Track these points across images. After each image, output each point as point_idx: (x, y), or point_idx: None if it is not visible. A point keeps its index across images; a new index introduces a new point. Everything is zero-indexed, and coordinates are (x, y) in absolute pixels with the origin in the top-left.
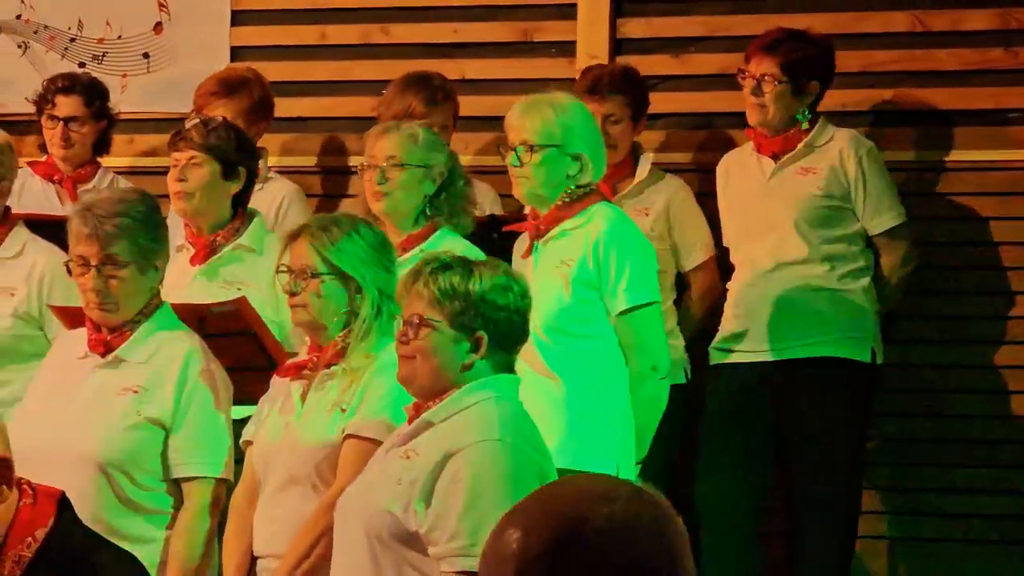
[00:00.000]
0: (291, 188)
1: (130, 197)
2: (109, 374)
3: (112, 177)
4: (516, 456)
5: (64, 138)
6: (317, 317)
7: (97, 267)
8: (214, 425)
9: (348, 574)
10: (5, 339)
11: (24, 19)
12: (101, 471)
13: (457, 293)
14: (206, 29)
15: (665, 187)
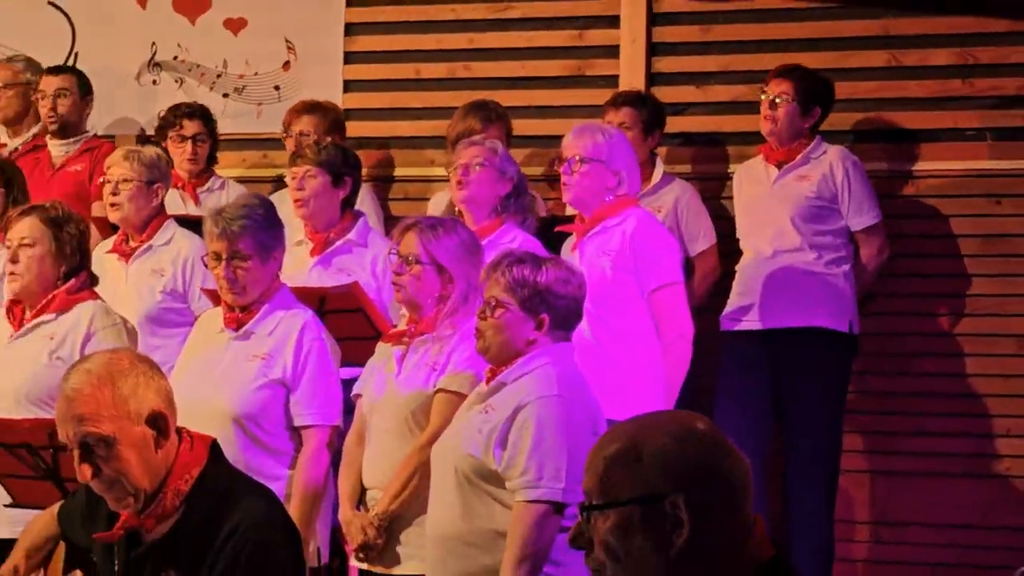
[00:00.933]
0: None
1: (252, 202)
2: (241, 345)
3: (223, 181)
4: (570, 407)
5: (192, 152)
6: (414, 296)
7: (227, 260)
8: (326, 382)
9: (441, 504)
10: (157, 311)
11: (180, 60)
12: (237, 422)
13: (527, 283)
14: (324, 67)
15: (674, 189)
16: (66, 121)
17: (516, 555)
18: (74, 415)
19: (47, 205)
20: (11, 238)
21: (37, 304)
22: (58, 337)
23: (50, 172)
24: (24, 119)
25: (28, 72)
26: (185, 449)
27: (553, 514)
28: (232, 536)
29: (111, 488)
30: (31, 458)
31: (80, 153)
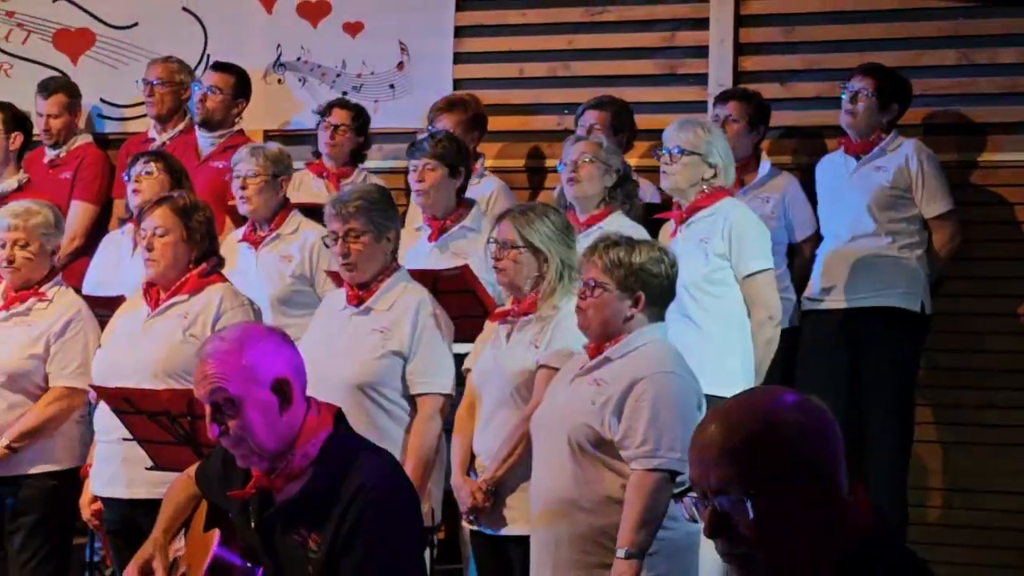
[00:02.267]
0: (499, 184)
1: (367, 187)
2: (362, 319)
3: (365, 175)
4: (682, 383)
5: (331, 138)
6: (513, 278)
7: (342, 237)
8: (440, 354)
9: (550, 470)
10: (286, 293)
11: (303, 60)
12: (360, 390)
13: (623, 264)
14: (435, 66)
15: (781, 180)
16: (211, 117)
17: (636, 520)
18: (206, 375)
19: (176, 196)
20: (145, 227)
21: (171, 286)
22: (191, 316)
23: (196, 162)
24: (174, 116)
25: (182, 73)
26: (313, 416)
27: (668, 482)
28: (357, 497)
29: (237, 445)
30: (170, 425)
31: (223, 149)
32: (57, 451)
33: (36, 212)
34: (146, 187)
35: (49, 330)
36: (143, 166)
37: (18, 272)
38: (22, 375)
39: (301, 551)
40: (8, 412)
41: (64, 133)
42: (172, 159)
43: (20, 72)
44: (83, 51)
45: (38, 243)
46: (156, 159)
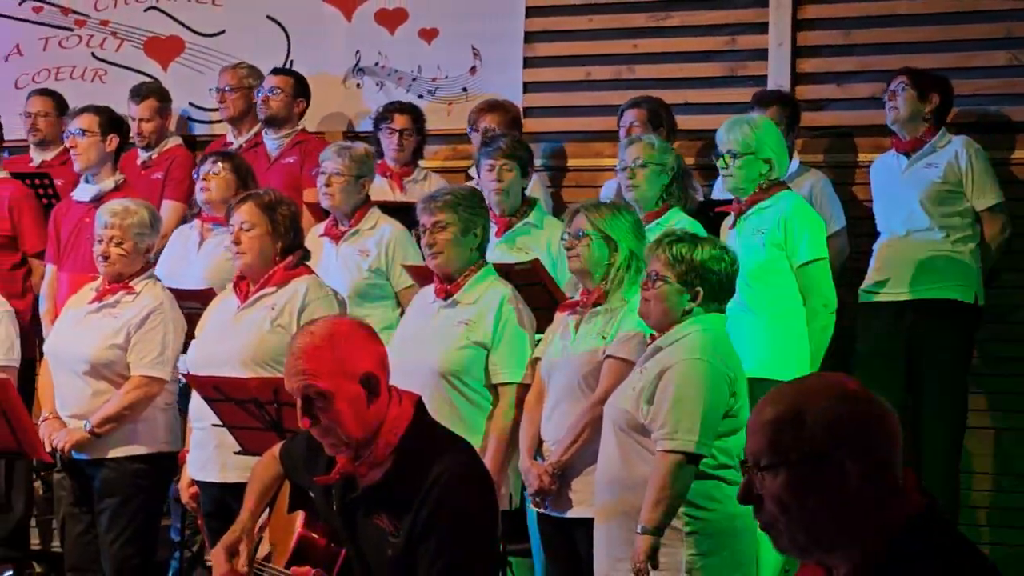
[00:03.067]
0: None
1: (459, 187)
2: (449, 312)
3: (426, 172)
4: (710, 370)
5: (398, 144)
6: (585, 265)
7: (430, 229)
8: (521, 346)
9: (606, 453)
10: (364, 286)
11: (381, 65)
12: (445, 379)
13: (684, 259)
14: (506, 70)
15: (809, 177)
16: (275, 115)
17: (653, 498)
18: (298, 370)
19: (261, 192)
20: (233, 223)
21: (259, 279)
22: (278, 307)
23: (267, 164)
24: (246, 119)
25: (251, 78)
26: (395, 405)
27: (687, 463)
28: (436, 484)
29: (327, 435)
30: (258, 411)
31: (291, 146)
32: (140, 435)
33: (133, 212)
34: (214, 186)
35: (130, 321)
36: (211, 166)
37: (112, 267)
38: (105, 364)
39: (381, 535)
40: (93, 399)
41: (155, 136)
42: (239, 159)
43: (114, 78)
44: (173, 58)
45: (132, 241)
46: (223, 159)
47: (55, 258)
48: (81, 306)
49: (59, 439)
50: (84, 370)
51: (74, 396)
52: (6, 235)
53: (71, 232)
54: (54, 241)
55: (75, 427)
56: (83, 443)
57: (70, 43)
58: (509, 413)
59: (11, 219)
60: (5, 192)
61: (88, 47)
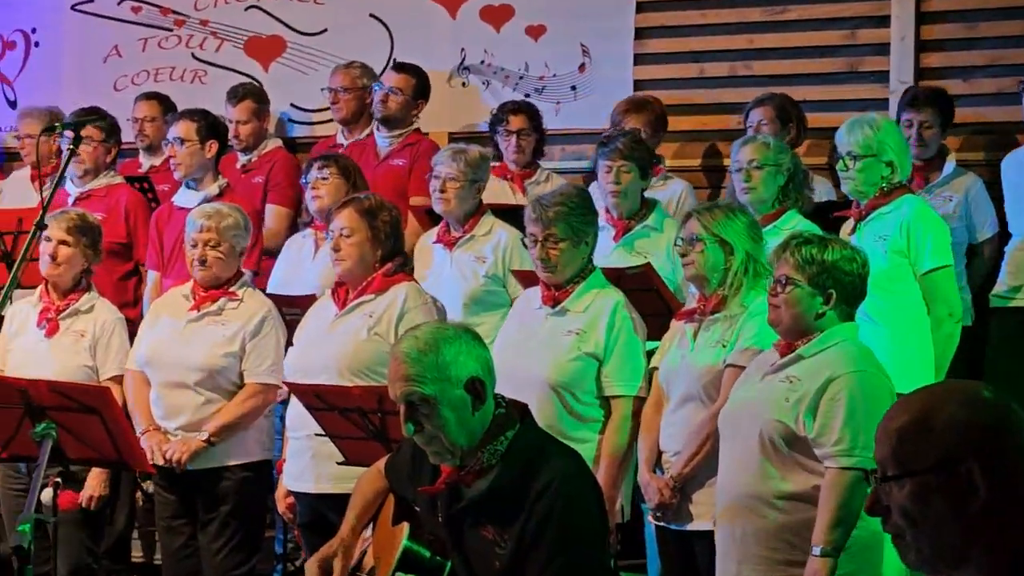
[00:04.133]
0: (686, 185)
1: (569, 191)
2: (557, 320)
3: (548, 174)
4: (876, 381)
5: (516, 145)
6: (700, 271)
7: (541, 242)
8: (634, 356)
9: (738, 466)
10: (480, 293)
11: (486, 64)
12: (553, 390)
13: (815, 261)
14: (616, 68)
15: (964, 180)
16: (391, 116)
17: (830, 519)
18: (401, 375)
19: (362, 197)
20: (333, 228)
21: (358, 285)
22: (376, 315)
23: (375, 162)
24: (359, 120)
25: (364, 78)
26: (501, 413)
27: (863, 480)
28: (543, 494)
29: (431, 443)
30: (361, 421)
31: (402, 147)
32: (249, 444)
33: (227, 214)
34: (324, 191)
35: (244, 329)
36: (318, 171)
37: (208, 271)
38: (218, 372)
39: (488, 546)
40: (204, 407)
41: (253, 139)
42: (345, 160)
43: (215, 79)
44: (274, 58)
45: (228, 244)
46: (329, 163)
47: (159, 264)
48: (177, 314)
49: (173, 451)
50: (195, 380)
51: (182, 407)
52: (120, 242)
53: (176, 239)
54: (156, 247)
55: (188, 437)
56: (199, 452)
57: (169, 44)
58: (623, 427)
59: (127, 226)
60: (121, 198)
61: (188, 48)
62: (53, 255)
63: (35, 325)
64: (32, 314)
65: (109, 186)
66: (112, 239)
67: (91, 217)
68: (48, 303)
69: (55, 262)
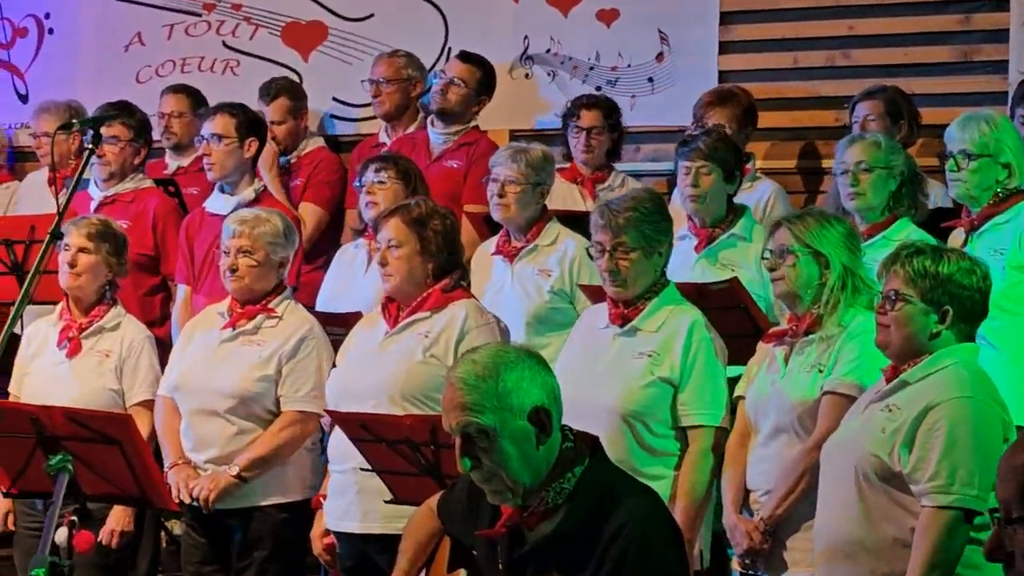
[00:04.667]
0: (775, 187)
1: (640, 195)
2: (627, 341)
3: (623, 177)
4: (984, 410)
5: (586, 144)
6: (792, 287)
7: (610, 252)
8: (714, 382)
9: (835, 507)
10: (544, 311)
11: (553, 52)
12: (624, 421)
13: (928, 273)
14: (698, 57)
15: None
16: (450, 109)
17: (925, 563)
18: (457, 404)
19: (411, 204)
20: (380, 240)
21: (411, 302)
22: (432, 335)
23: (427, 161)
24: (403, 116)
25: (409, 68)
26: (569, 447)
27: (964, 522)
28: (617, 537)
29: (490, 480)
30: (412, 454)
31: (458, 147)
32: (288, 481)
33: (265, 220)
34: (381, 197)
35: (280, 350)
36: (374, 174)
37: (241, 281)
38: (252, 399)
39: None
40: (237, 439)
41: (290, 139)
42: (405, 162)
43: (248, 70)
44: (314, 46)
45: (263, 252)
46: (387, 165)
47: (189, 278)
48: (210, 334)
49: (200, 487)
50: (226, 407)
51: (211, 437)
52: (146, 253)
53: (207, 250)
54: (187, 258)
55: (218, 472)
56: (229, 490)
57: (198, 30)
58: (703, 462)
59: (154, 236)
60: (150, 204)
61: (218, 35)
62: (72, 263)
63: (55, 345)
64: (52, 333)
65: (136, 190)
66: (138, 250)
67: (114, 224)
68: (69, 320)
69: (74, 271)
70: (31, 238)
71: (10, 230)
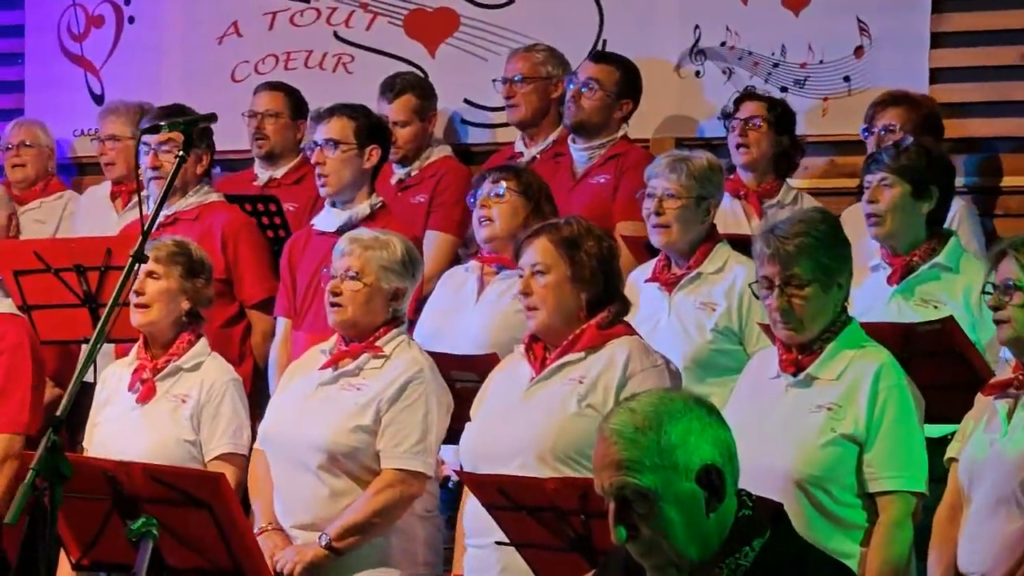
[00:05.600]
0: (961, 204)
1: (811, 216)
2: (801, 392)
3: (796, 193)
4: None
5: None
6: (1020, 331)
7: (779, 287)
8: (909, 439)
9: None
10: (707, 352)
11: (729, 46)
12: (799, 487)
13: None
14: (905, 52)
15: None
16: (586, 120)
17: None
18: (611, 461)
19: (560, 223)
20: (522, 265)
21: (560, 341)
22: (588, 381)
23: (571, 182)
24: (543, 122)
25: (549, 65)
26: (746, 515)
27: None
28: None
29: (650, 554)
30: (557, 524)
31: (604, 160)
32: (392, 555)
33: (383, 242)
34: (497, 212)
35: (380, 395)
36: (491, 186)
37: (343, 311)
38: (346, 454)
39: None
40: (331, 502)
41: (414, 145)
42: (529, 175)
43: (364, 66)
44: (443, 38)
45: (374, 277)
46: (507, 175)
47: (289, 310)
48: (309, 375)
49: (286, 560)
50: (318, 463)
51: (303, 499)
52: (218, 279)
53: (312, 275)
54: (288, 287)
55: (307, 542)
56: (319, 564)
57: (305, 19)
58: (897, 535)
59: (225, 257)
60: (217, 221)
61: (329, 24)
62: (139, 291)
63: (127, 389)
64: (126, 376)
65: (201, 205)
66: None
67: (190, 242)
68: (144, 360)
69: (140, 300)
70: (107, 263)
71: (82, 254)
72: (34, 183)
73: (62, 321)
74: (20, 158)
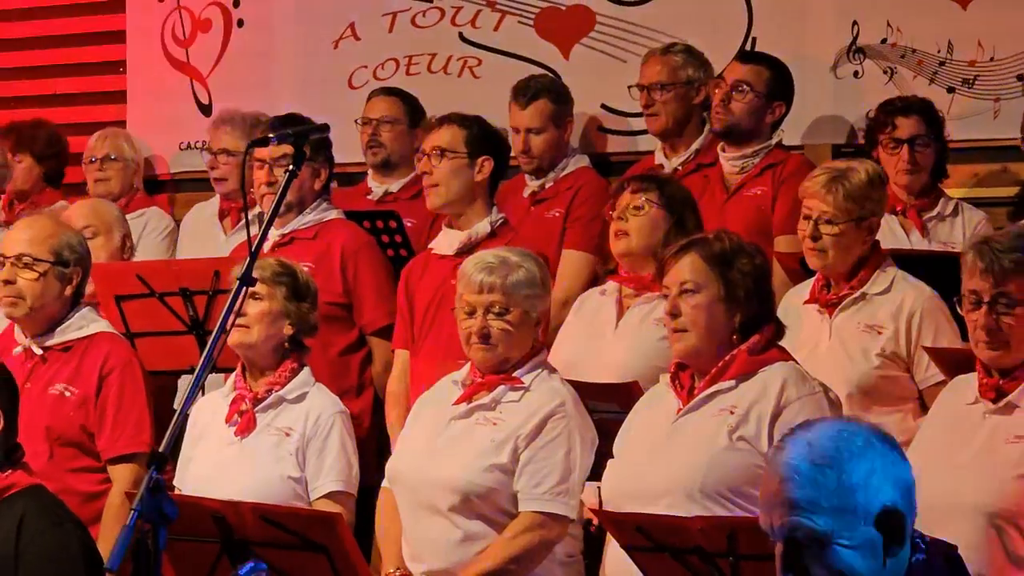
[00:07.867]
0: None
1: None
2: (1001, 421)
3: (956, 203)
4: None
5: (910, 161)
6: None
7: (988, 303)
8: None
9: None
10: (873, 379)
11: (891, 43)
12: (993, 524)
13: None
14: None
15: None
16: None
17: None
18: (784, 499)
19: (710, 237)
20: (669, 283)
21: (709, 367)
22: (740, 411)
23: (723, 195)
24: (684, 130)
25: (689, 68)
26: (920, 560)
27: None
28: None
29: None
30: (705, 567)
31: (760, 171)
32: None
33: (516, 264)
34: (635, 226)
35: (518, 431)
36: (630, 197)
37: (493, 351)
38: (480, 495)
39: None
40: (463, 546)
41: (549, 155)
42: (673, 186)
43: (492, 70)
44: (578, 39)
45: (520, 309)
46: (647, 185)
47: (407, 340)
48: (442, 409)
49: None
50: (450, 504)
51: (433, 543)
52: (335, 303)
53: (431, 302)
54: (406, 317)
55: None
56: None
57: (428, 20)
58: None
59: (344, 279)
60: (337, 240)
61: (455, 25)
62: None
63: (224, 421)
64: (222, 407)
65: (320, 224)
66: (325, 298)
67: (294, 263)
68: (242, 390)
69: (240, 321)
70: (215, 287)
71: (188, 277)
72: (117, 199)
73: (167, 349)
74: (104, 172)
